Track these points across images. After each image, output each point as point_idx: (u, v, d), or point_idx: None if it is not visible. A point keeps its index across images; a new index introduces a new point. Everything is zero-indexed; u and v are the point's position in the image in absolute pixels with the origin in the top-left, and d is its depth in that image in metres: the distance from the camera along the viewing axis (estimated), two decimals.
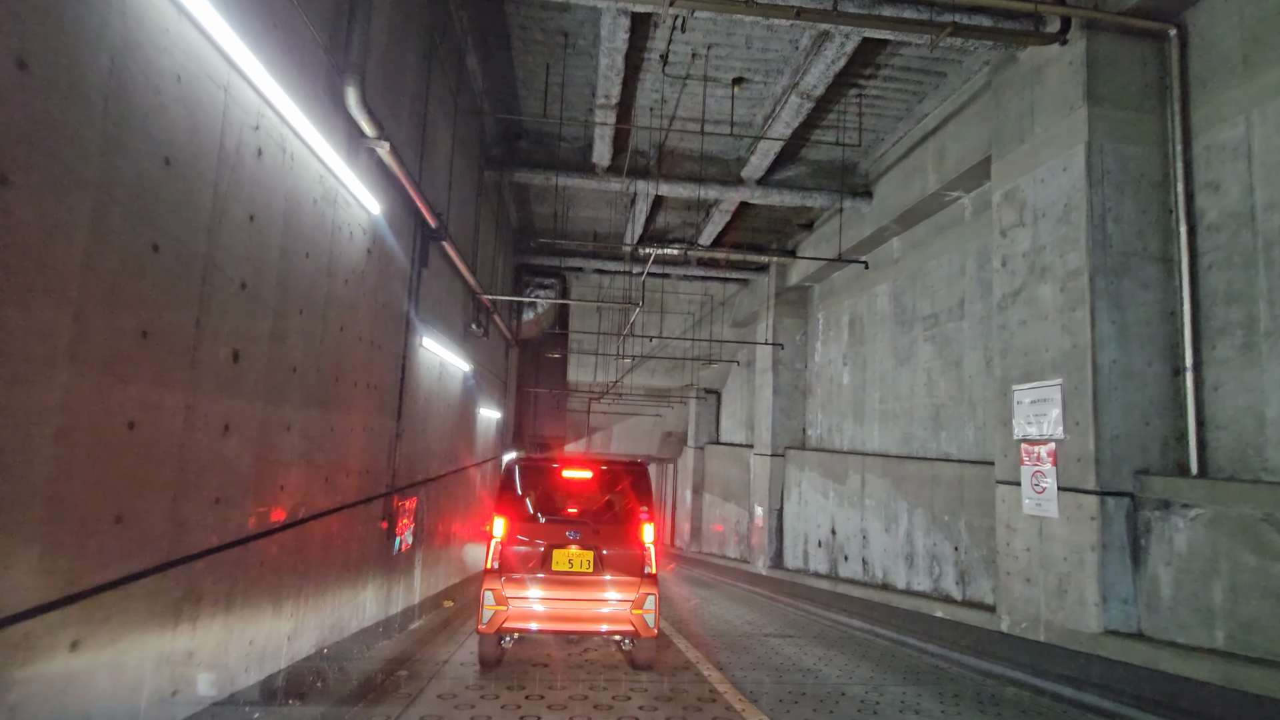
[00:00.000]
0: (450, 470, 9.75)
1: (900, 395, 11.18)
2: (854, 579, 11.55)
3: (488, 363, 12.78)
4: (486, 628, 5.56)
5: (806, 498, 13.97)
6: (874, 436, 11.97)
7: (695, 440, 23.31)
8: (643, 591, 5.68)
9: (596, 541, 5.76)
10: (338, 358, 4.97)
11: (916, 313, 10.87)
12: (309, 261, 4.36)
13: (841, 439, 13.30)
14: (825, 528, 12.93)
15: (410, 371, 7.06)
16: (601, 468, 6.25)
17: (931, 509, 9.47)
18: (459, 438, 10.30)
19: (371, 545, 6.07)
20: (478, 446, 12.32)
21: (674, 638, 8.11)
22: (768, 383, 15.67)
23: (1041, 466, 6.69)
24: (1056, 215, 6.74)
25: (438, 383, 8.51)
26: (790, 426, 15.36)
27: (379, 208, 5.43)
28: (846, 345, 13.40)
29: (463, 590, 11.22)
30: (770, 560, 15.01)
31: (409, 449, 7.15)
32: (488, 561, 5.74)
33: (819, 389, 14.64)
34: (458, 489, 10.47)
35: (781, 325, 15.57)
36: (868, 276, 12.62)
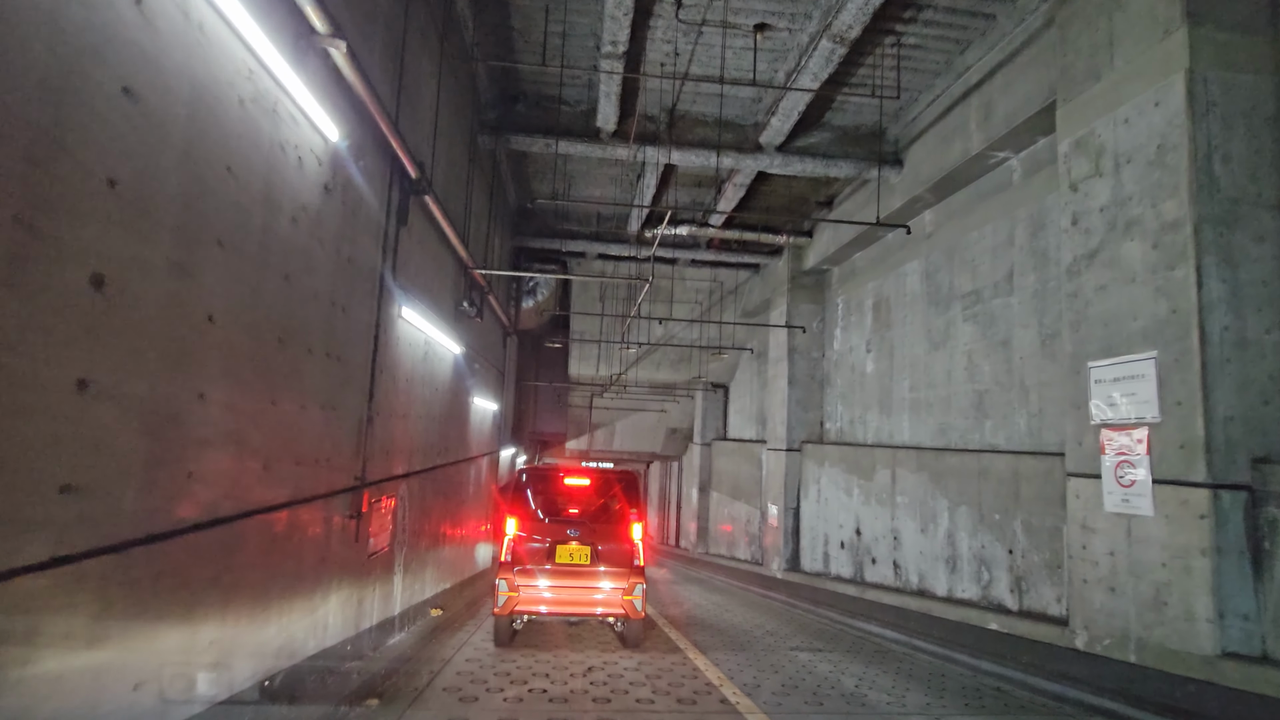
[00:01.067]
0: (439, 464, 8.71)
1: (935, 382, 10.13)
2: (883, 584, 10.50)
3: (483, 349, 11.75)
4: (501, 610, 6.48)
5: (826, 495, 12.92)
6: (903, 428, 10.93)
7: (701, 436, 22.27)
8: (632, 580, 6.62)
9: (593, 538, 6.71)
10: (282, 314, 3.93)
11: (954, 290, 9.83)
12: (233, 180, 3.32)
13: (865, 432, 12.26)
14: (849, 528, 11.89)
15: (386, 345, 6.02)
16: (597, 475, 7.29)
17: (978, 507, 8.42)
18: (449, 428, 9.26)
19: (335, 549, 5.03)
20: (472, 440, 11.28)
21: (688, 650, 7.07)
22: (782, 373, 14.62)
23: (1130, 455, 5.64)
24: (1146, 159, 5.70)
25: (422, 364, 7.47)
26: (807, 419, 14.31)
27: (338, 134, 4.40)
28: (870, 330, 12.36)
29: (456, 596, 10.17)
30: (786, 563, 13.96)
31: (385, 436, 6.11)
32: (501, 555, 6.71)
33: (838, 379, 13.59)
34: (448, 485, 9.43)
35: (797, 311, 14.52)
36: (895, 255, 11.58)
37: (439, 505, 8.87)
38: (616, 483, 7.18)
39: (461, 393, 10.07)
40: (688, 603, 11.79)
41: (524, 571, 6.54)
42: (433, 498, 8.48)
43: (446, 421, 9.05)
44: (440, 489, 8.91)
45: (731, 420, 21.39)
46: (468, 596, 10.63)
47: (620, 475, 7.30)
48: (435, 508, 8.66)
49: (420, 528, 7.81)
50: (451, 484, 9.71)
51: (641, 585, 6.60)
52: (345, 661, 5.39)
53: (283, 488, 4.05)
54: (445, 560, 9.56)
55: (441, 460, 8.87)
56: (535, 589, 6.53)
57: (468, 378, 10.35)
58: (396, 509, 6.62)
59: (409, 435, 7.01)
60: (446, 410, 9.01)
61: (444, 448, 9.01)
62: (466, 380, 10.26)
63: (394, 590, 6.73)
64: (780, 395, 14.66)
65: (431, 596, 8.66)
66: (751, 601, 12.88)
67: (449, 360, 8.93)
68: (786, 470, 14.21)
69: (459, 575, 10.67)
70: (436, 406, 8.39)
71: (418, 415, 7.36)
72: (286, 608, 4.23)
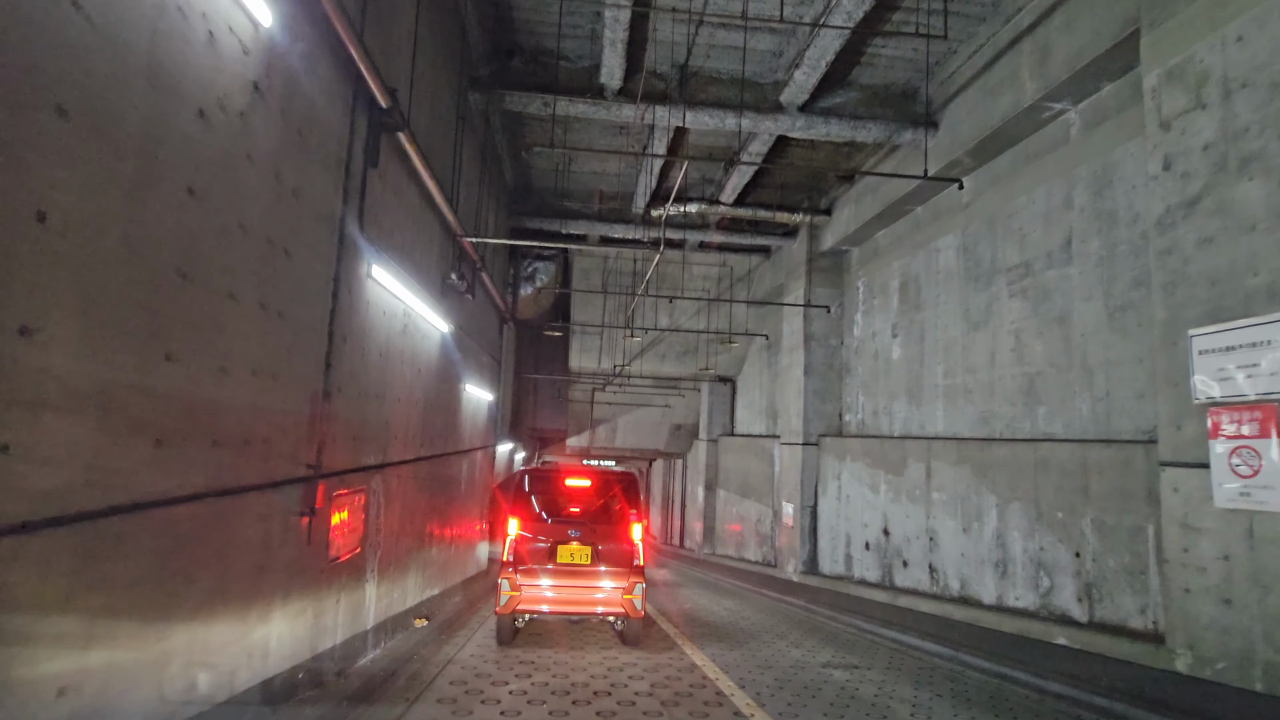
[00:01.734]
0: (425, 456, 7.70)
1: (974, 366, 9.11)
2: (917, 589, 9.48)
3: (476, 332, 10.73)
4: (503, 609, 6.47)
5: (848, 492, 11.90)
6: (937, 418, 9.91)
7: (708, 432, 21.25)
8: (631, 580, 6.61)
9: (594, 539, 6.70)
10: (185, 240, 2.91)
11: (997, 264, 8.81)
12: (89, 27, 2.30)
13: (891, 423, 11.23)
14: (875, 527, 10.87)
15: (353, 309, 5.00)
16: (598, 476, 7.24)
17: (1035, 503, 7.40)
18: (437, 417, 8.25)
19: (281, 554, 4.01)
20: (464, 431, 10.26)
21: (708, 669, 6.07)
22: (798, 361, 13.60)
23: (1252, 441, 4.62)
24: (1270, 80, 4.68)
25: (401, 338, 6.46)
26: (825, 411, 13.29)
27: (272, 17, 3.37)
28: (896, 313, 11.34)
29: (443, 602, 9.14)
30: (803, 565, 12.94)
31: (352, 419, 5.10)
32: (503, 554, 6.67)
33: (859, 367, 12.57)
34: (437, 480, 8.42)
35: (814, 296, 13.50)
36: (925, 229, 10.56)
37: (425, 502, 7.85)
38: (616, 483, 7.17)
39: (451, 378, 9.05)
40: (697, 608, 10.78)
41: (526, 571, 6.54)
42: (417, 493, 7.47)
43: (433, 409, 8.04)
44: (427, 484, 7.90)
45: (739, 415, 20.38)
46: (455, 604, 9.61)
47: (620, 476, 7.30)
48: (421, 505, 7.65)
49: (401, 527, 6.79)
50: (440, 479, 8.70)
51: (641, 585, 6.61)
52: (300, 690, 4.38)
53: (191, 474, 3.02)
54: (433, 563, 8.55)
55: (428, 451, 7.86)
56: (537, 588, 6.55)
57: (459, 362, 9.33)
58: (368, 505, 5.61)
59: (384, 419, 5.99)
60: (433, 396, 8.00)
61: (431, 438, 8.00)
62: (457, 365, 9.25)
63: (365, 601, 5.71)
64: (796, 386, 13.64)
65: (416, 605, 7.64)
66: (767, 607, 11.85)
67: (435, 339, 7.92)
68: (803, 466, 13.19)
69: (449, 579, 9.66)
70: (420, 390, 7.38)
71: (396, 397, 6.35)
72: (201, 633, 3.21)
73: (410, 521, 7.18)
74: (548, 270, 16.03)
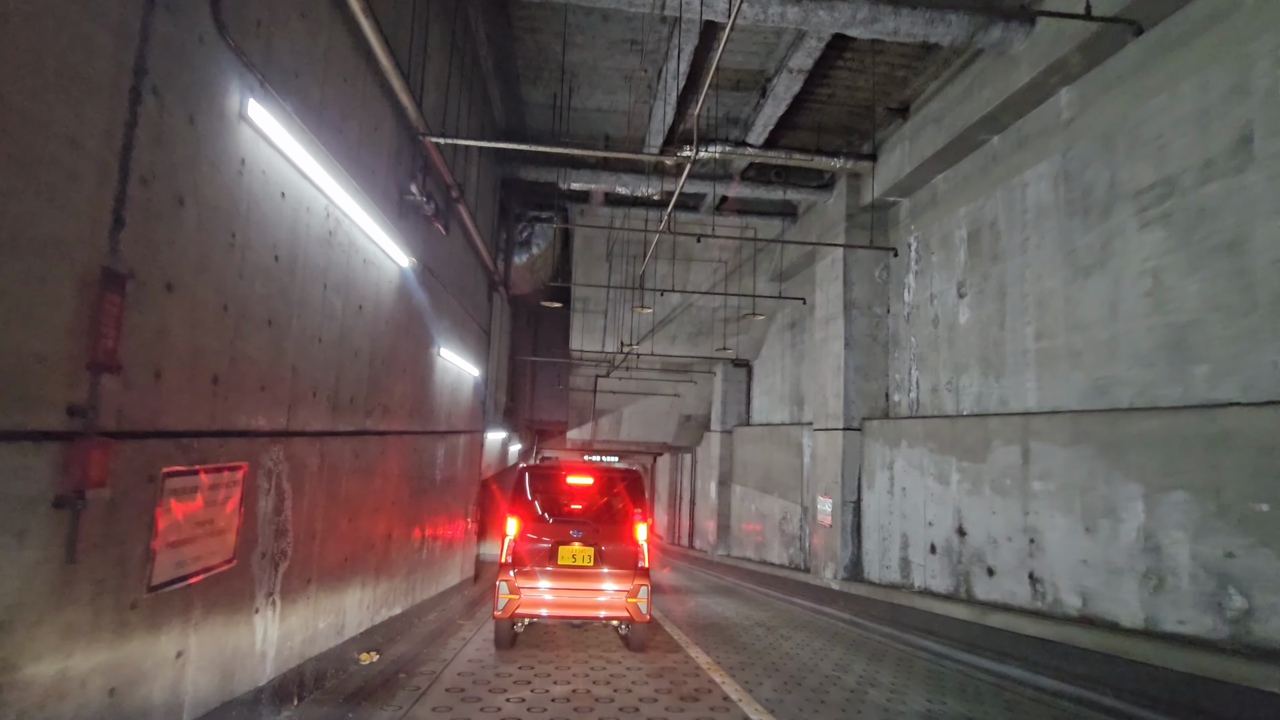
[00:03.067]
0: (373, 429, 5.65)
1: (1083, 322, 7.06)
2: (1010, 604, 7.41)
3: (455, 285, 8.68)
4: (501, 613, 6.07)
5: (904, 484, 9.84)
6: (1025, 390, 7.86)
7: (722, 423, 19.21)
8: (636, 582, 6.21)
9: (596, 539, 6.31)
10: None
11: (1119, 189, 6.75)
12: None
13: (959, 400, 9.18)
14: (944, 526, 8.80)
15: (195, 153, 2.93)
16: (601, 473, 6.77)
17: (1212, 492, 5.32)
18: (394, 379, 6.20)
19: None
20: (439, 406, 8.22)
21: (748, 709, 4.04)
22: (836, 333, 11.55)
23: None
24: None
25: (325, 249, 4.39)
26: (868, 391, 11.24)
27: None
28: (964, 269, 9.29)
29: (408, 625, 7.10)
30: (844, 570, 10.89)
31: (204, 343, 3.04)
32: (502, 556, 6.24)
33: (913, 337, 10.52)
34: (395, 464, 6.36)
35: (854, 257, 11.45)
36: (1005, 162, 8.51)
37: (377, 493, 5.80)
38: (620, 481, 6.73)
39: (419, 336, 7.01)
40: (718, 620, 8.74)
41: (525, 573, 6.19)
42: (363, 481, 5.41)
43: (389, 370, 5.99)
44: (380, 469, 5.85)
45: (757, 403, 18.33)
46: (431, 623, 7.56)
47: (624, 473, 6.84)
48: (369, 497, 5.60)
49: (331, 526, 4.74)
50: (404, 465, 6.65)
51: (646, 587, 6.25)
52: None
53: None
54: (394, 574, 6.50)
55: (381, 425, 5.81)
56: (537, 591, 6.18)
57: (429, 316, 7.28)
58: (255, 493, 3.55)
59: (291, 366, 3.94)
60: (388, 352, 5.94)
61: (387, 408, 5.95)
62: (427, 318, 7.19)
63: (255, 642, 3.65)
64: (834, 362, 11.59)
65: (363, 633, 5.59)
66: (801, 619, 9.80)
67: (391, 275, 5.86)
68: (843, 455, 11.13)
69: (421, 592, 7.61)
70: (365, 339, 5.33)
71: (315, 337, 4.29)
72: None
73: (349, 519, 5.13)
74: (545, 235, 13.97)
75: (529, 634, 7.05)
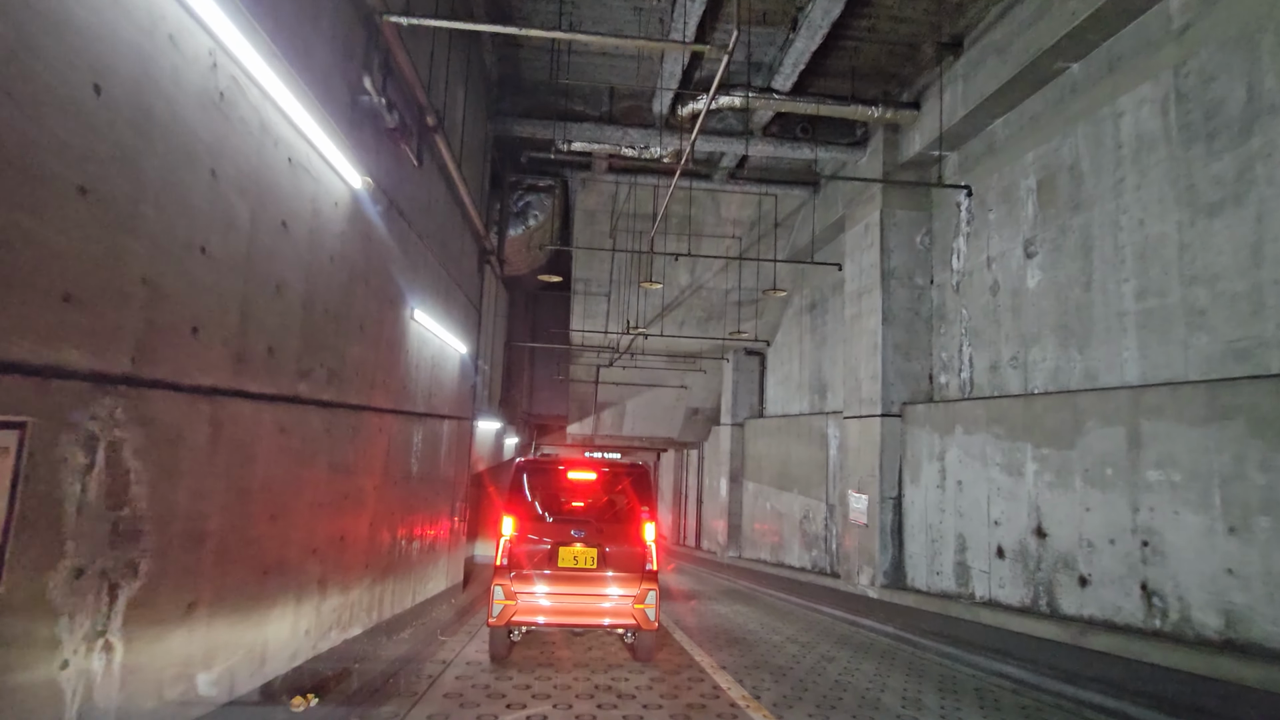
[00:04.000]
0: (308, 398, 4.22)
1: (1209, 273, 5.64)
2: (1114, 621, 5.98)
3: (434, 238, 7.23)
4: (496, 621, 5.56)
5: (960, 477, 8.42)
6: (1123, 360, 6.44)
7: (733, 415, 17.78)
8: (644, 587, 5.74)
9: (600, 540, 5.83)
10: None
11: (1262, 101, 5.35)
12: None
13: (1027, 377, 7.76)
14: (1017, 525, 7.37)
15: None
16: (604, 469, 6.32)
17: None
18: (346, 339, 4.75)
19: None
20: (415, 381, 6.78)
21: None
22: (872, 308, 10.13)
23: None
24: None
25: (205, 115, 2.93)
26: (910, 372, 9.82)
27: None
28: (1033, 224, 7.87)
29: (372, 646, 5.66)
30: (884, 576, 9.46)
31: None
32: (497, 559, 5.76)
33: (964, 309, 9.10)
34: (344, 446, 4.93)
35: (893, 222, 10.04)
36: (1090, 92, 7.09)
37: (320, 484, 4.37)
38: (625, 477, 6.30)
39: (382, 286, 5.57)
40: (740, 632, 7.30)
41: (522, 577, 5.66)
42: (291, 466, 3.98)
43: (337, 323, 4.55)
44: (321, 449, 4.41)
45: (771, 393, 16.90)
46: (404, 643, 6.11)
47: (630, 468, 6.43)
48: (307, 488, 4.16)
49: (236, 527, 3.30)
50: (362, 447, 5.22)
51: (654, 592, 5.74)
52: None
53: None
54: (350, 584, 5.07)
55: (323, 394, 4.37)
56: (535, 596, 5.65)
57: (399, 264, 5.84)
58: (47, 471, 2.13)
59: (141, 272, 2.51)
60: (337, 301, 4.51)
61: (332, 371, 4.51)
62: (395, 267, 5.75)
63: (63, 701, 2.23)
64: (869, 340, 10.16)
65: (294, 671, 4.14)
66: (838, 633, 8.35)
67: (336, 193, 4.43)
68: (881, 445, 9.71)
69: (389, 606, 6.17)
70: (298, 275, 3.89)
71: (193, 240, 2.84)
72: None
73: (272, 517, 3.69)
74: (543, 206, 12.54)
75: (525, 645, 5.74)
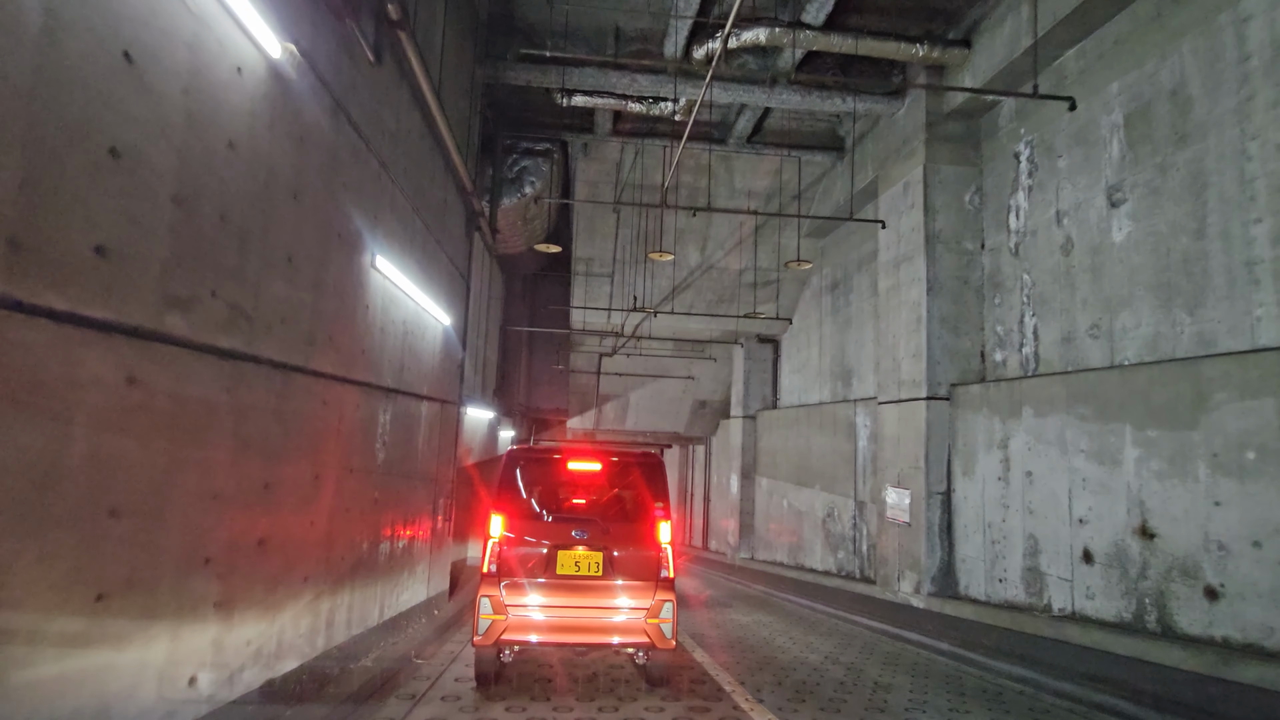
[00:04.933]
0: (182, 338, 2.92)
1: None
2: (1266, 646, 4.69)
3: (403, 171, 5.92)
4: (483, 639, 4.63)
5: (1030, 466, 7.12)
6: (1254, 318, 5.15)
7: (744, 406, 16.49)
8: (658, 598, 4.82)
9: (606, 542, 4.89)
10: None
11: None
12: None
13: (1112, 347, 6.47)
14: (1113, 523, 6.07)
15: None
16: (612, 458, 5.31)
17: None
18: (265, 267, 3.45)
19: None
20: (379, 348, 5.48)
21: None
22: (914, 277, 8.84)
23: None
24: None
25: None
26: (959, 349, 8.53)
27: None
28: (1120, 166, 6.58)
29: (317, 681, 4.38)
30: (931, 583, 8.17)
31: None
32: (484, 565, 4.85)
33: (1025, 274, 7.81)
34: (260, 416, 3.63)
35: (938, 179, 8.75)
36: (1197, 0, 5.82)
37: (209, 463, 3.07)
38: (636, 467, 5.23)
39: (326, 212, 4.27)
40: (766, 648, 6.00)
41: (514, 586, 4.73)
42: (149, 434, 2.69)
43: (242, 242, 3.25)
44: (216, 417, 3.12)
45: (786, 382, 15.62)
46: (368, 673, 4.80)
47: (641, 458, 5.34)
48: (185, 467, 2.87)
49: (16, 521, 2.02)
50: (292, 421, 3.93)
51: (671, 604, 4.82)
52: None
53: None
54: (278, 605, 3.77)
55: (216, 338, 3.08)
56: (529, 609, 4.71)
57: (350, 189, 4.54)
58: None
59: None
60: (240, 205, 3.20)
61: (236, 308, 3.22)
62: (343, 192, 4.45)
63: None
64: (910, 314, 8.88)
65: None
66: (883, 651, 7.03)
67: (246, 63, 3.13)
68: (928, 432, 8.41)
69: (340, 628, 4.87)
70: (163, 154, 2.61)
71: None
72: None
73: (121, 510, 2.41)
74: (540, 172, 11.24)
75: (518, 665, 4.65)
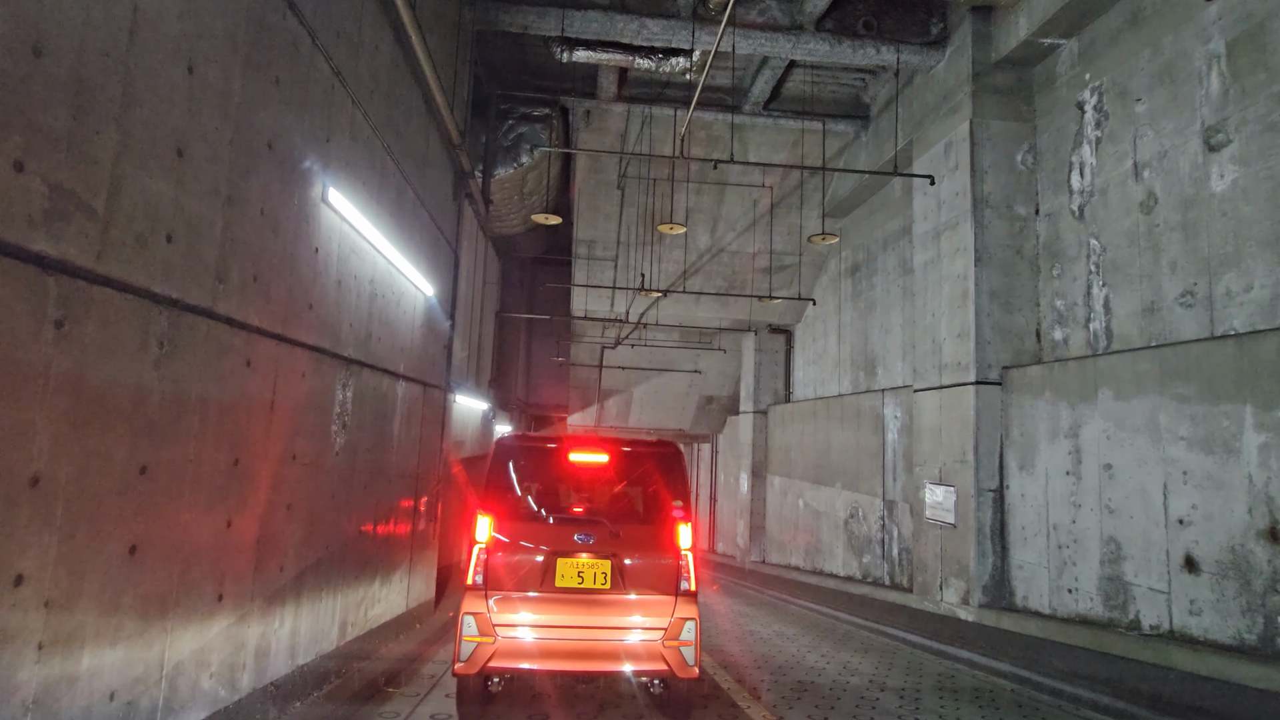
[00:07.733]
0: (22, 247, 1.87)
1: None
2: None
3: (368, 93, 4.89)
4: (466, 667, 3.80)
5: (1108, 459, 6.05)
6: None
7: (754, 401, 15.44)
8: (678, 615, 3.95)
9: (615, 548, 4.08)
10: None
11: None
12: None
13: (1212, 315, 5.41)
14: (1225, 523, 4.98)
15: None
16: (622, 449, 4.45)
17: None
18: (121, 148, 2.41)
19: None
20: (336, 307, 4.43)
21: None
22: (959, 245, 7.78)
23: None
24: None
25: None
26: (1011, 327, 7.48)
27: None
28: (1220, 105, 5.52)
29: None
30: (983, 592, 7.10)
31: None
32: (469, 576, 4.00)
33: (1092, 239, 6.76)
34: (123, 373, 2.58)
35: (986, 136, 7.70)
36: None
37: (20, 432, 2.04)
38: (650, 459, 4.42)
39: (246, 104, 3.23)
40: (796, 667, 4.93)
41: (505, 601, 3.89)
42: None
43: (124, 130, 2.22)
44: (21, 362, 2.08)
45: (801, 374, 14.57)
46: None
47: (656, 448, 4.49)
48: None
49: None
50: (188, 383, 2.88)
51: (694, 623, 3.92)
52: None
53: None
54: (151, 633, 2.72)
55: (31, 242, 2.04)
56: (523, 630, 3.88)
57: (284, 85, 3.50)
58: None
59: None
60: (99, 66, 2.18)
61: (87, 208, 2.17)
62: (274, 88, 3.41)
63: None
64: (956, 288, 7.82)
65: None
66: (930, 672, 5.95)
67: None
68: (976, 421, 7.36)
69: (280, 657, 3.82)
70: None
71: None
72: None
73: None
74: (538, 139, 10.20)
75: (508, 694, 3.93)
